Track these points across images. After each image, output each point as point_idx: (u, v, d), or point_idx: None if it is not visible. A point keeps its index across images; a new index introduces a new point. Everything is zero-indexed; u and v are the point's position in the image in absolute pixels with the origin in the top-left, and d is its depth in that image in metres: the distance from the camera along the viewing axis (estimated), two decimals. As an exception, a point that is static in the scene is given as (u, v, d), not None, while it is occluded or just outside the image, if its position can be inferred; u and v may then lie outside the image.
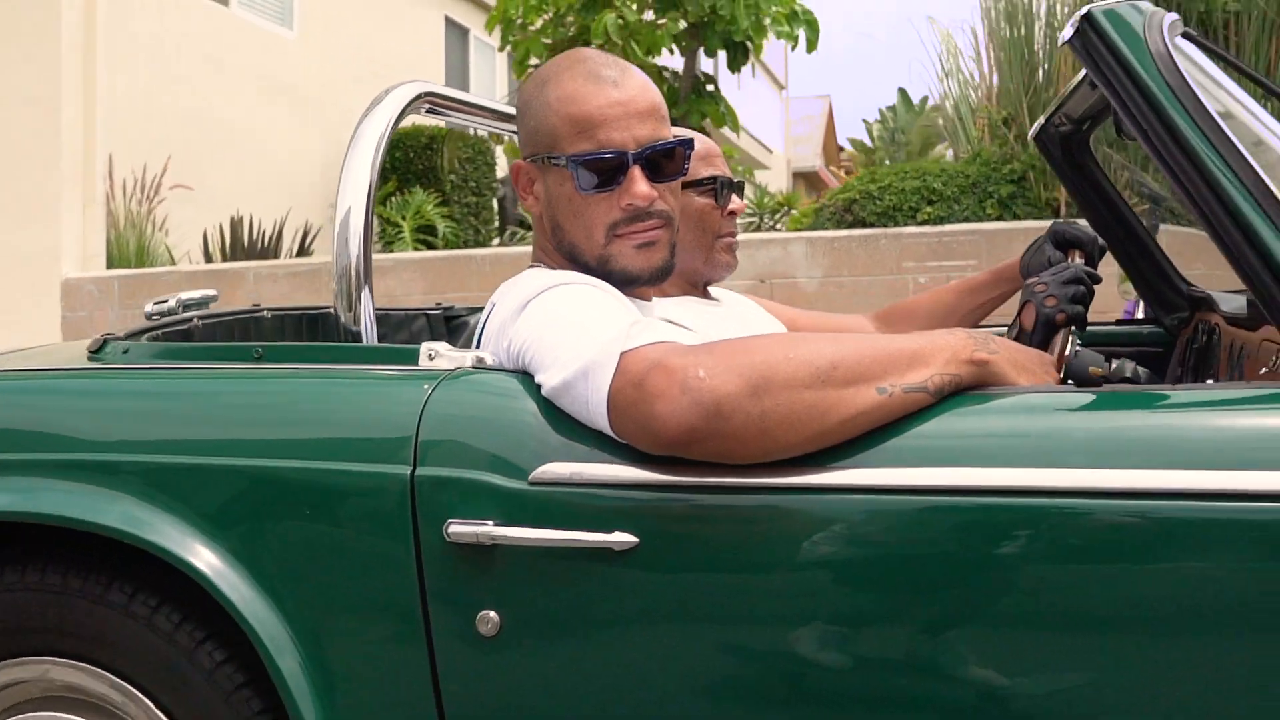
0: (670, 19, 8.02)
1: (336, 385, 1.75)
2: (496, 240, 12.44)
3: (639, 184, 1.77)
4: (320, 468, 1.65)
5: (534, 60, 8.44)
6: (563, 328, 1.59)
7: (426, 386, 1.66)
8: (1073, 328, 2.07)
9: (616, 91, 1.79)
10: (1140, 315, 2.99)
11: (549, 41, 8.38)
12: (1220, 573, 1.40)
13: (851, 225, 7.42)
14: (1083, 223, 2.43)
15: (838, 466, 1.48)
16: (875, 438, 1.49)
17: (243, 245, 10.04)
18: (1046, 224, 6.53)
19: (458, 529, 1.56)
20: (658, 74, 8.42)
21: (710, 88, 8.71)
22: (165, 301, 2.40)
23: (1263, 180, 1.53)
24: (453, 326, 2.86)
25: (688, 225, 2.31)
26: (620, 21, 7.93)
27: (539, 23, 8.31)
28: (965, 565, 1.45)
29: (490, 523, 1.55)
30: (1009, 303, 2.45)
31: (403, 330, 2.78)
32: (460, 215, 11.97)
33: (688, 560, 1.54)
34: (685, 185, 2.29)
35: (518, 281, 1.80)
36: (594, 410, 1.51)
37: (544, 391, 1.58)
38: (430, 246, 10.76)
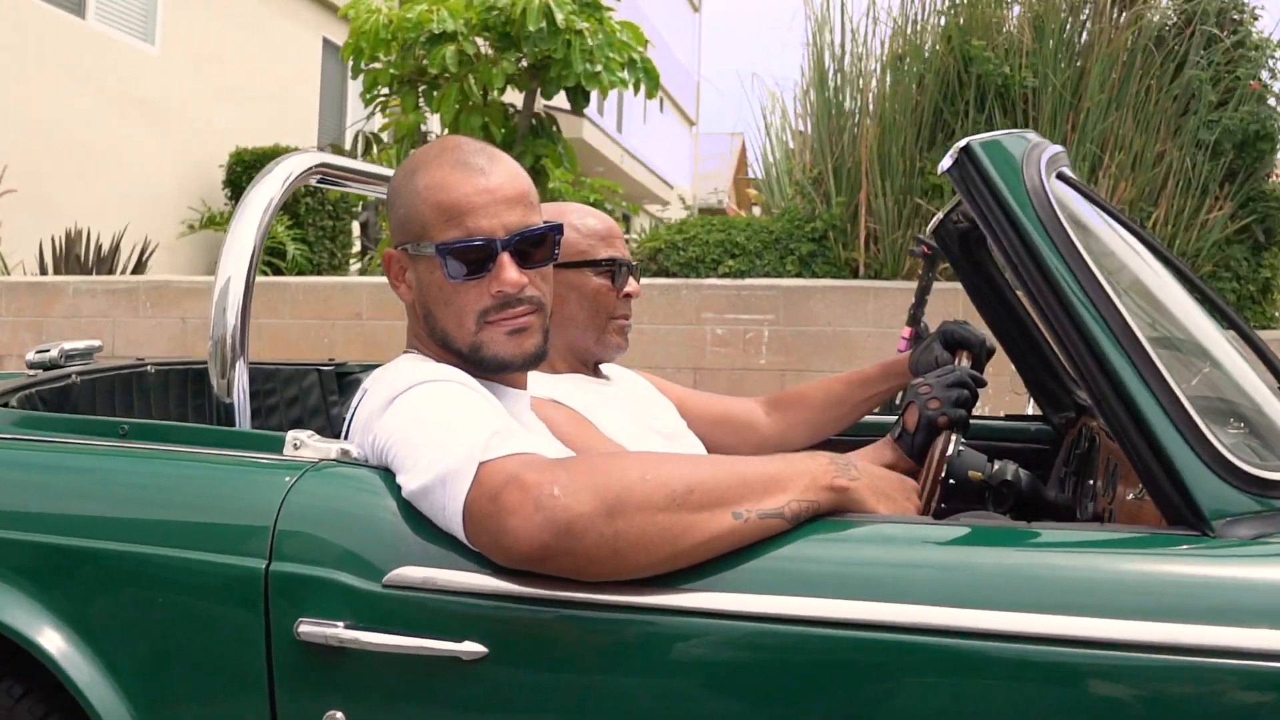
0: (507, 58, 8.10)
1: (198, 470, 1.73)
2: (356, 265, 12.37)
3: (508, 271, 1.76)
4: (175, 556, 1.63)
5: (383, 90, 8.57)
6: (425, 430, 1.58)
7: (288, 478, 1.64)
8: (955, 430, 2.10)
9: (484, 179, 1.78)
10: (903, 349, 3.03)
11: (396, 74, 8.47)
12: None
13: (655, 274, 7.53)
14: (971, 325, 2.45)
15: (688, 589, 1.48)
16: (727, 561, 1.49)
17: (78, 258, 9.91)
18: (843, 282, 6.58)
19: (308, 629, 1.55)
20: (503, 111, 8.59)
21: (555, 127, 8.86)
22: (47, 350, 2.35)
23: (1128, 324, 1.55)
24: (344, 384, 2.83)
25: (582, 304, 2.31)
26: (460, 55, 8.01)
27: (387, 56, 8.42)
28: (805, 695, 1.46)
29: (341, 624, 1.54)
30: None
31: (291, 386, 2.74)
32: (315, 238, 11.85)
33: (536, 674, 1.53)
34: (583, 264, 2.29)
35: (390, 370, 1.78)
36: (450, 519, 1.50)
37: (404, 494, 1.57)
38: (277, 271, 10.76)
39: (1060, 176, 1.67)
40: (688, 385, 3.62)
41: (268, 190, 2.00)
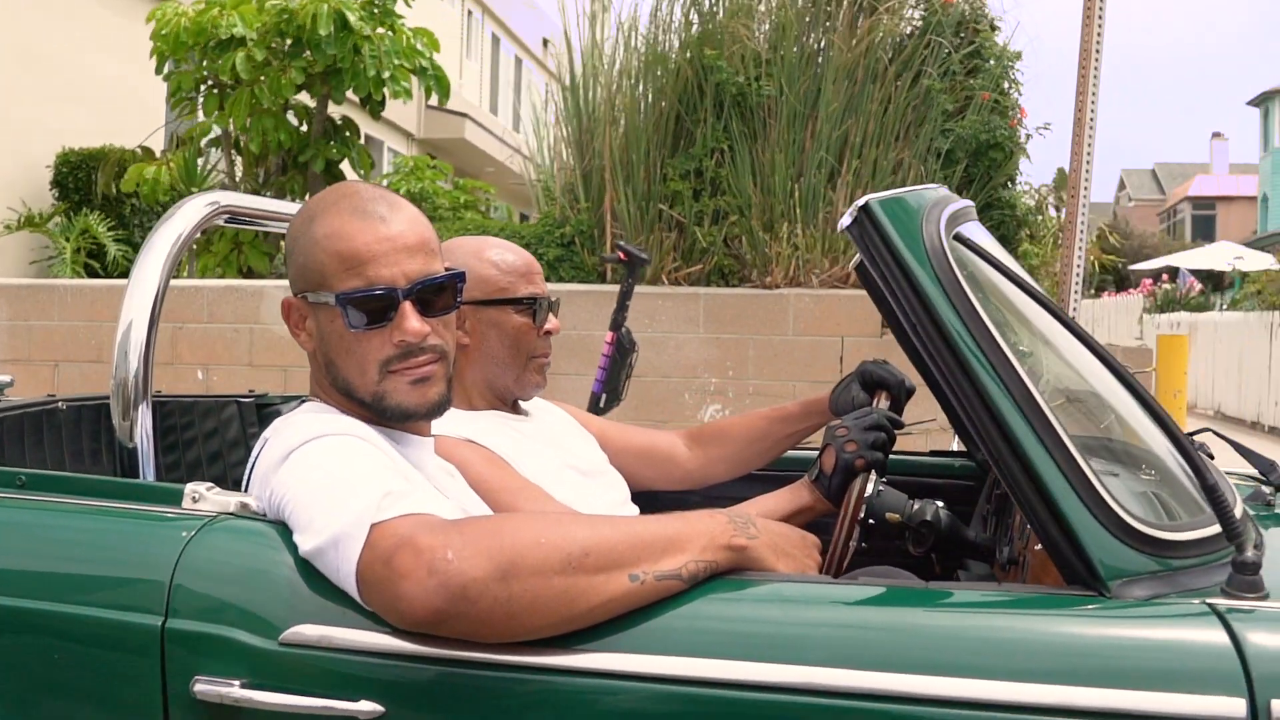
0: (296, 66, 8.25)
1: (94, 524, 1.71)
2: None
3: (410, 320, 1.74)
4: (71, 612, 1.62)
5: (189, 93, 8.81)
6: (318, 488, 1.57)
7: (185, 533, 1.63)
8: (873, 471, 2.11)
9: (384, 227, 1.75)
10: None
11: (199, 78, 8.70)
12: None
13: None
14: (891, 364, 2.46)
15: (585, 649, 1.48)
16: (624, 622, 1.49)
17: None
18: (589, 287, 6.68)
19: (203, 688, 1.54)
20: (305, 112, 8.86)
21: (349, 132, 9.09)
22: (-43, 387, 2.32)
23: (1024, 384, 1.57)
24: (264, 415, 2.81)
25: (503, 342, 2.30)
26: (251, 61, 8.16)
27: (187, 61, 8.61)
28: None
29: (237, 684, 1.53)
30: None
31: (210, 418, 2.72)
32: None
33: (433, 733, 1.53)
34: (503, 302, 2.28)
35: (289, 421, 1.76)
36: (344, 579, 1.49)
37: (300, 552, 1.56)
38: (93, 273, 10.84)
39: (957, 237, 1.68)
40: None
41: (170, 233, 1.99)
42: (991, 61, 7.70)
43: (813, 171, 7.19)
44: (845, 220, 1.66)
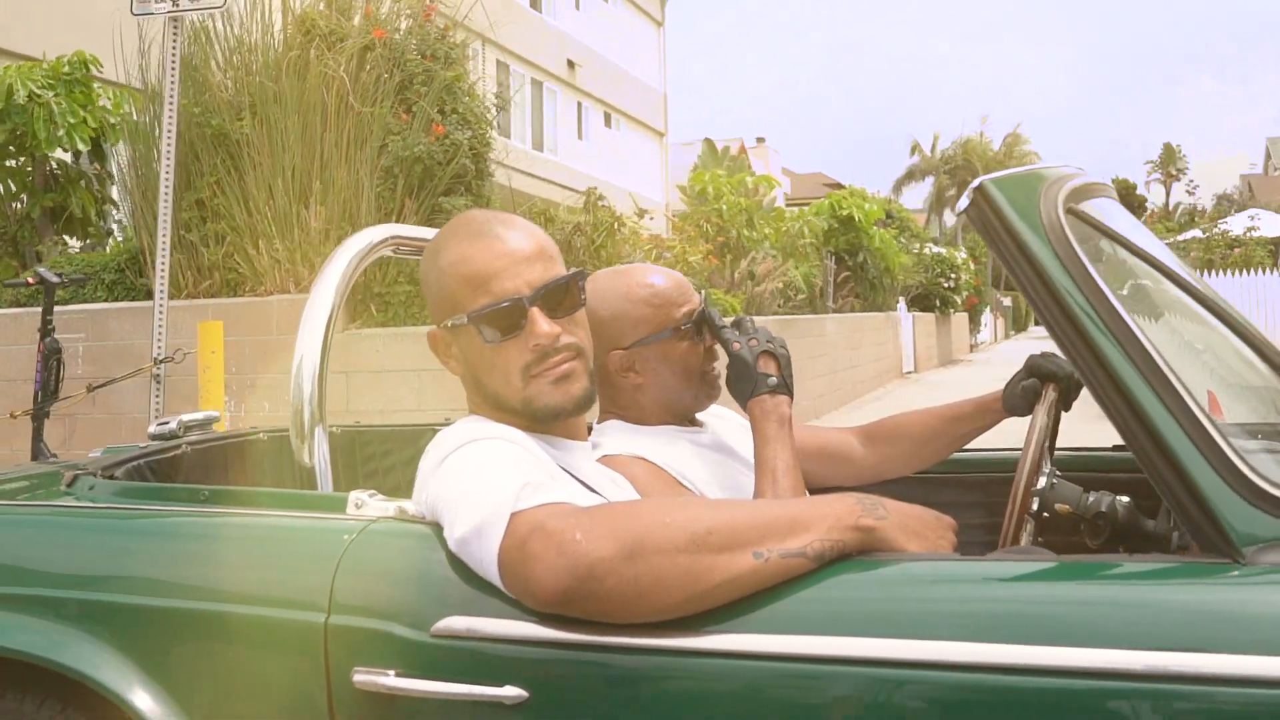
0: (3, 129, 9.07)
1: (265, 532, 1.84)
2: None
3: (540, 324, 1.83)
4: (246, 612, 1.74)
5: None
6: (467, 485, 1.66)
7: (346, 537, 1.74)
8: (1045, 464, 2.09)
9: (501, 244, 1.86)
10: None
11: None
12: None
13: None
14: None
15: (715, 630, 1.52)
16: (755, 602, 1.53)
17: None
18: (137, 304, 7.62)
19: (362, 677, 1.63)
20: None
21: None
22: (168, 424, 2.51)
23: (1147, 351, 1.54)
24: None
25: (673, 371, 2.32)
26: None
27: None
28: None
29: (392, 673, 1.62)
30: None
31: (409, 447, 2.85)
32: None
33: (575, 715, 1.59)
34: (665, 335, 2.33)
35: (449, 431, 1.86)
36: (487, 568, 1.57)
37: (450, 545, 1.64)
38: None
39: (1070, 211, 1.66)
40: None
41: (340, 263, 2.12)
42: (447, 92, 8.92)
43: (282, 195, 8.42)
44: (962, 203, 1.67)
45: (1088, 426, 2.38)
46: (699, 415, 2.49)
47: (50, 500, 2.09)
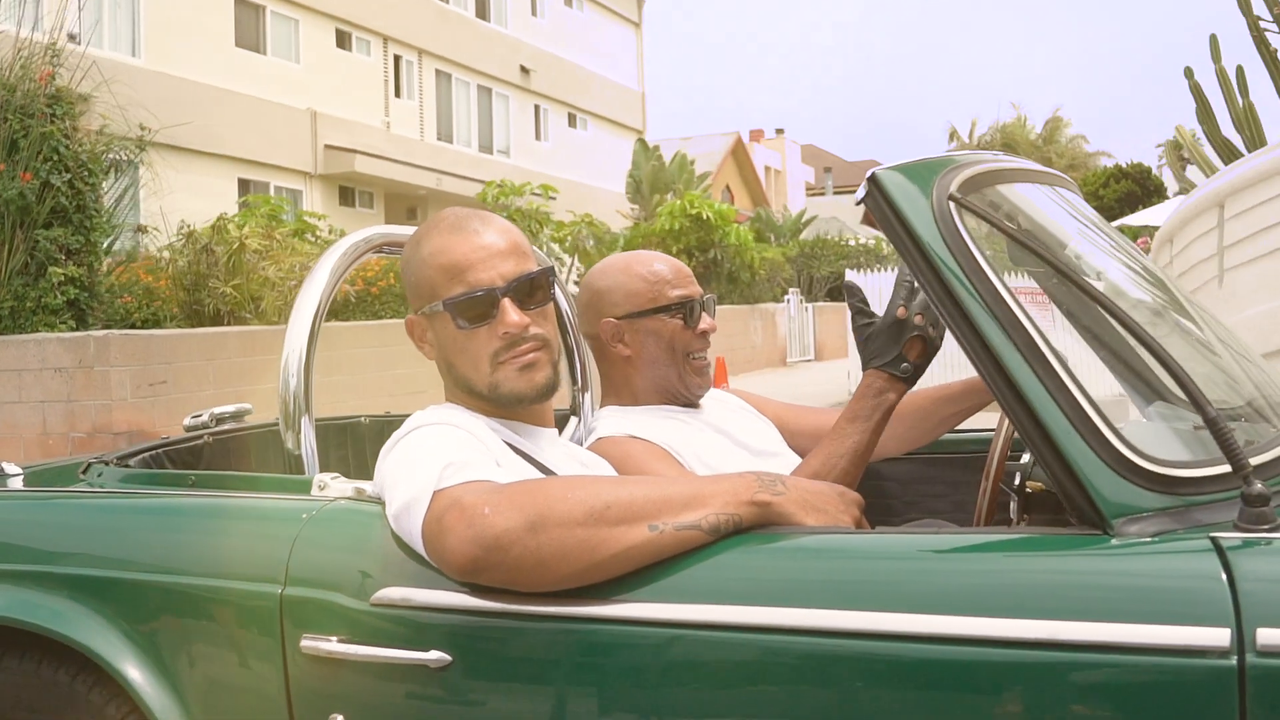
0: None
1: (236, 512, 2.00)
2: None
3: (510, 314, 1.97)
4: (215, 585, 1.90)
5: None
6: (404, 467, 1.79)
7: (305, 515, 1.88)
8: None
9: (478, 238, 2.00)
10: None
11: None
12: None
13: None
14: None
15: (618, 600, 1.63)
16: (654, 573, 1.63)
17: None
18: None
19: (308, 643, 1.78)
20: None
21: None
22: (200, 416, 2.69)
23: (1021, 323, 1.61)
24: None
25: (660, 346, 2.46)
26: None
27: None
28: (721, 696, 1.57)
29: (334, 639, 1.77)
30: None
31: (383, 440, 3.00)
32: None
33: (492, 678, 1.71)
34: (656, 311, 2.46)
35: (411, 417, 2.00)
36: (414, 541, 1.71)
37: (390, 522, 1.78)
38: None
39: (955, 199, 1.72)
40: None
41: (329, 263, 2.26)
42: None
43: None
44: (860, 193, 1.75)
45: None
46: (700, 401, 2.59)
47: (63, 485, 2.28)
